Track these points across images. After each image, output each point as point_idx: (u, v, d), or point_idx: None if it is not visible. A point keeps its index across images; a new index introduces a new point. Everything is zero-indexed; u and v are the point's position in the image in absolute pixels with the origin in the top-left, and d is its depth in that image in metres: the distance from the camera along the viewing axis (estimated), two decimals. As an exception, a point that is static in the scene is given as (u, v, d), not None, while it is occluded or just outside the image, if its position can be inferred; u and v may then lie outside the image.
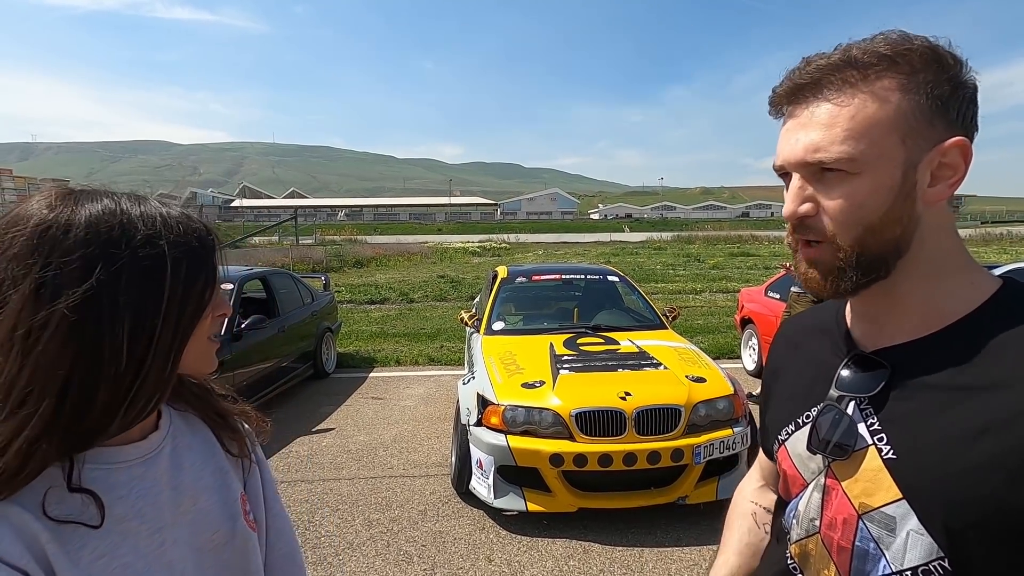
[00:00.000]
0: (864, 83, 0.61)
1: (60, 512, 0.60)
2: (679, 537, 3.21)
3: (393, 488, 3.85)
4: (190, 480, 0.74)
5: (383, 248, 25.86)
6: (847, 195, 0.62)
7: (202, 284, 0.68)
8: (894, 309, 0.67)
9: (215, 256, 0.70)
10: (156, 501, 0.69)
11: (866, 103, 0.60)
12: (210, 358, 0.74)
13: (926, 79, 0.60)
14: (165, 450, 0.73)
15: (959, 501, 0.57)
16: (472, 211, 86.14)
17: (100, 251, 0.61)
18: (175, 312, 0.66)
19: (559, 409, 3.27)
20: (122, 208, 0.64)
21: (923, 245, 0.64)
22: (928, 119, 0.60)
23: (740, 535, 0.93)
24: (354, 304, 12.43)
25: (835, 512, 0.67)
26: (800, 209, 0.64)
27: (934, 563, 0.59)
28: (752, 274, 16.59)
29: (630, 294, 5.42)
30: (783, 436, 0.77)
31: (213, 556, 0.74)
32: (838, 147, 0.60)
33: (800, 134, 0.63)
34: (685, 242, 33.53)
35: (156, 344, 0.64)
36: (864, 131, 0.60)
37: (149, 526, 0.67)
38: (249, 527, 0.80)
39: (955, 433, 0.59)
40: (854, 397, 0.68)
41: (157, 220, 0.65)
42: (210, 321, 0.72)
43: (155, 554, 0.67)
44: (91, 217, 0.62)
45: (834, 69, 0.62)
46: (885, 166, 0.61)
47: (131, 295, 0.62)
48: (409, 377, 6.62)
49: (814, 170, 0.63)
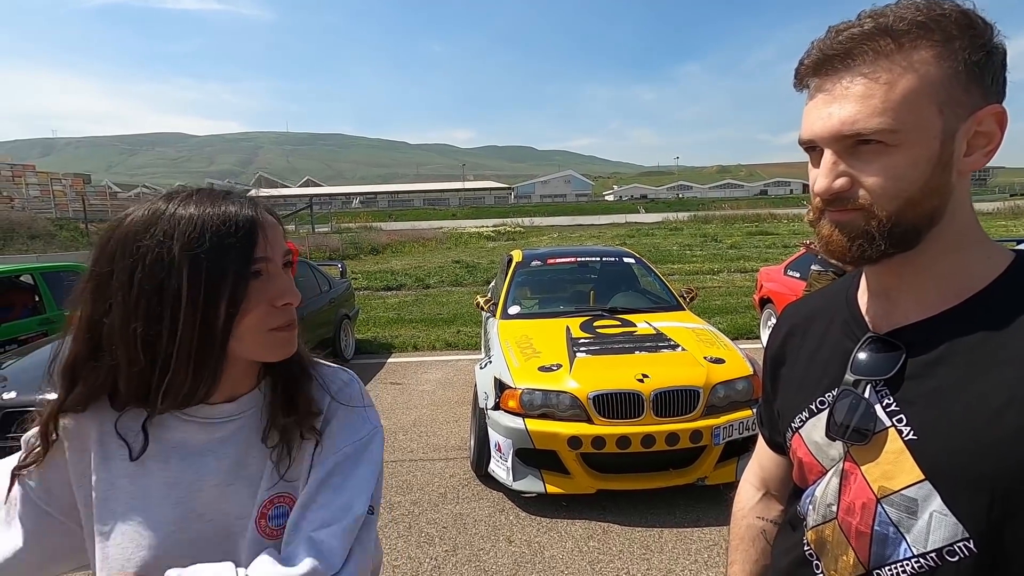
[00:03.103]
0: (899, 52, 0.58)
1: (124, 428, 0.74)
2: (698, 518, 3.21)
3: (413, 471, 3.91)
4: (235, 461, 0.77)
5: (398, 234, 25.98)
6: (886, 168, 0.60)
7: (232, 279, 0.69)
8: (913, 282, 0.66)
9: (253, 250, 0.71)
10: (186, 459, 0.75)
11: (903, 73, 0.58)
12: (277, 347, 0.75)
13: (962, 45, 0.58)
14: (232, 424, 0.77)
15: (986, 480, 0.56)
16: (486, 195, 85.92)
17: (122, 255, 0.70)
18: (193, 310, 0.68)
19: (576, 392, 3.28)
20: (157, 211, 0.71)
21: (953, 217, 0.63)
22: (964, 87, 0.58)
23: (755, 558, 0.90)
24: (371, 291, 12.54)
25: (853, 497, 0.67)
26: (835, 185, 0.62)
27: (959, 544, 0.58)
28: (771, 253, 16.34)
29: (646, 276, 5.38)
30: (796, 424, 0.76)
31: (234, 543, 0.75)
32: (877, 119, 0.58)
33: (833, 107, 0.61)
34: (702, 222, 33.09)
35: (179, 339, 0.68)
36: (902, 102, 0.58)
37: (165, 476, 0.74)
38: (260, 532, 0.76)
39: (978, 409, 0.58)
40: (870, 380, 0.66)
41: (182, 221, 0.69)
42: (264, 311, 0.72)
43: (158, 501, 0.73)
44: (131, 222, 0.71)
45: (867, 38, 0.59)
46: (923, 137, 0.59)
47: (144, 297, 0.68)
48: (427, 362, 6.67)
49: (848, 144, 0.61)
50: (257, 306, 0.71)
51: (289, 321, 0.75)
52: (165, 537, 0.72)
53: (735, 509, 0.96)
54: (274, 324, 0.73)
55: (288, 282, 0.75)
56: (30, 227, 17.58)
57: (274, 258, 0.73)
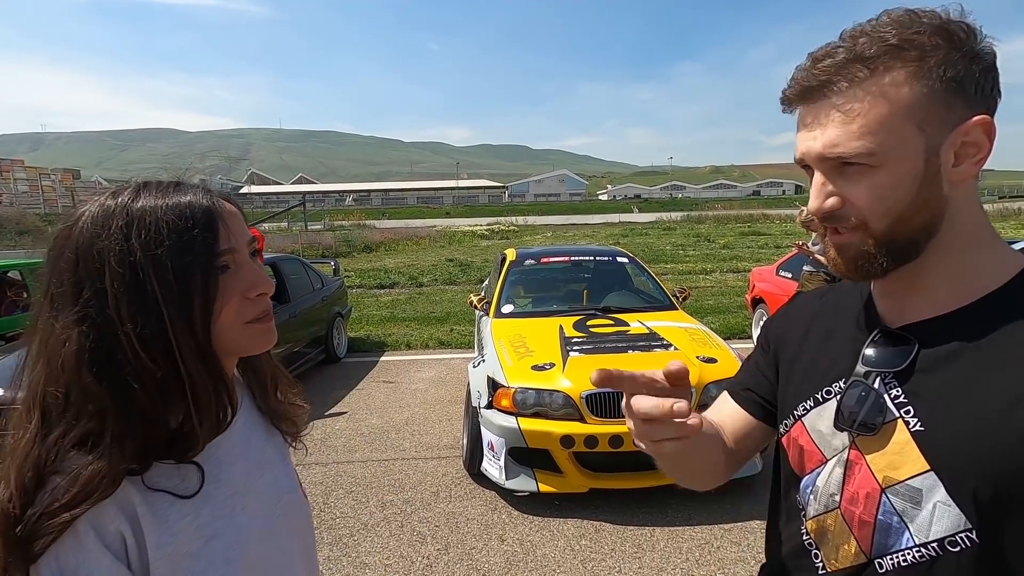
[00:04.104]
0: (873, 78, 0.60)
1: (155, 481, 0.65)
2: (690, 516, 3.22)
3: (406, 470, 3.90)
4: (257, 453, 0.79)
5: (392, 232, 25.88)
6: (872, 187, 0.62)
7: (200, 277, 0.65)
8: (922, 286, 0.67)
9: (216, 243, 0.66)
10: (231, 469, 0.74)
11: (877, 98, 0.60)
12: (258, 339, 0.72)
13: (937, 62, 0.59)
14: (237, 424, 0.77)
15: (991, 473, 0.58)
16: (480, 194, 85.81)
17: (84, 265, 0.63)
18: (178, 308, 0.64)
19: (569, 391, 3.28)
20: (108, 208, 0.65)
21: (953, 224, 0.64)
22: (944, 102, 0.59)
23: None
24: (364, 289, 12.48)
25: (857, 486, 0.67)
26: (825, 205, 0.65)
27: (961, 534, 0.59)
28: (763, 253, 16.42)
29: (640, 275, 5.39)
30: (800, 412, 0.76)
31: (283, 521, 0.80)
32: (856, 142, 0.60)
33: (817, 131, 0.64)
34: (695, 222, 33.19)
35: (177, 344, 0.64)
36: (880, 125, 0.60)
37: (224, 491, 0.72)
38: (303, 498, 0.86)
39: (988, 405, 0.59)
40: (880, 373, 0.67)
41: (136, 218, 0.64)
42: (238, 303, 0.69)
43: (228, 516, 0.71)
44: (83, 224, 0.65)
45: (840, 68, 0.61)
46: (906, 155, 0.60)
47: (125, 297, 0.63)
48: (420, 361, 6.66)
49: (834, 165, 0.63)
50: (230, 300, 0.68)
51: (264, 311, 0.72)
52: (249, 543, 0.73)
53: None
54: (250, 316, 0.70)
55: (258, 271, 0.71)
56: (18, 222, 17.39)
57: (239, 248, 0.69)
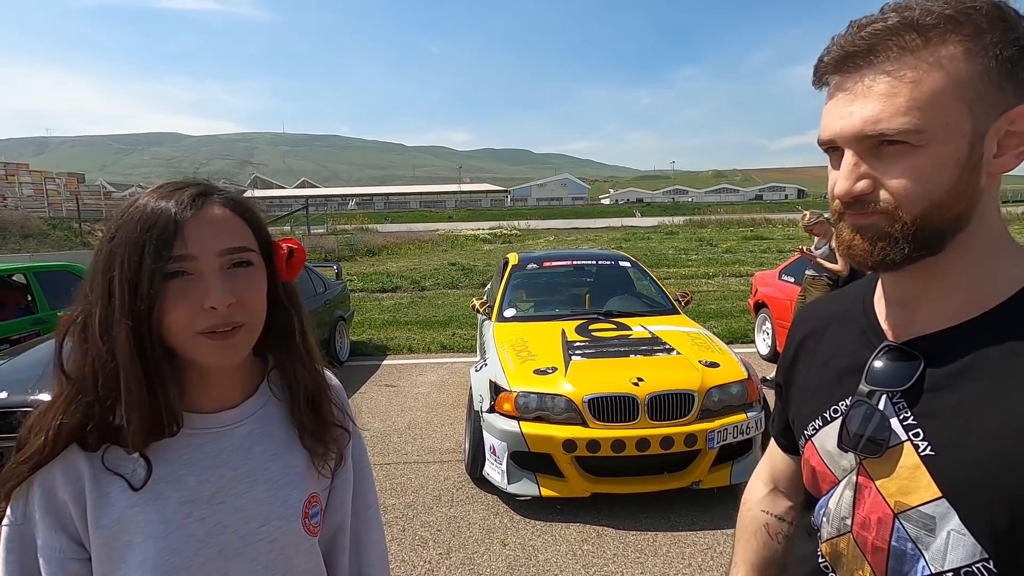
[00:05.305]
0: (926, 48, 0.55)
1: (114, 464, 0.69)
2: (692, 521, 3.21)
3: (407, 474, 3.90)
4: (252, 467, 0.76)
5: (394, 236, 25.93)
6: (911, 170, 0.56)
7: (147, 276, 0.65)
8: (935, 290, 0.63)
9: (168, 248, 0.66)
10: (200, 474, 0.72)
11: (930, 70, 0.54)
12: (208, 353, 0.69)
13: (993, 40, 0.54)
14: (240, 430, 0.76)
15: (1008, 500, 0.53)
16: (482, 198, 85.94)
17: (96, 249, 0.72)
18: (127, 301, 0.66)
19: (571, 395, 3.28)
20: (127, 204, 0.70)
21: (981, 221, 0.59)
22: (996, 84, 0.55)
23: (756, 550, 0.89)
24: (366, 292, 12.51)
25: (868, 511, 0.64)
26: (856, 187, 0.59)
27: (977, 564, 0.56)
28: (765, 258, 16.41)
29: (642, 279, 5.39)
30: (809, 431, 0.73)
31: (258, 549, 0.75)
32: (902, 118, 0.55)
33: (855, 106, 0.57)
34: (697, 226, 33.20)
35: (114, 332, 0.67)
36: (929, 100, 0.54)
37: (181, 496, 0.71)
38: (307, 530, 0.79)
39: (1003, 426, 0.55)
40: (886, 391, 0.63)
41: (120, 214, 0.69)
42: (189, 311, 0.67)
43: (179, 523, 0.70)
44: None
45: (891, 33, 0.56)
46: (951, 137, 0.55)
47: (94, 283, 0.69)
48: (422, 364, 6.66)
49: (871, 144, 0.58)
50: (179, 306, 0.66)
51: (217, 325, 0.68)
52: (194, 555, 0.70)
53: (742, 502, 0.95)
54: (201, 327, 0.68)
55: (217, 284, 0.68)
56: (23, 226, 17.47)
57: (201, 256, 0.67)
